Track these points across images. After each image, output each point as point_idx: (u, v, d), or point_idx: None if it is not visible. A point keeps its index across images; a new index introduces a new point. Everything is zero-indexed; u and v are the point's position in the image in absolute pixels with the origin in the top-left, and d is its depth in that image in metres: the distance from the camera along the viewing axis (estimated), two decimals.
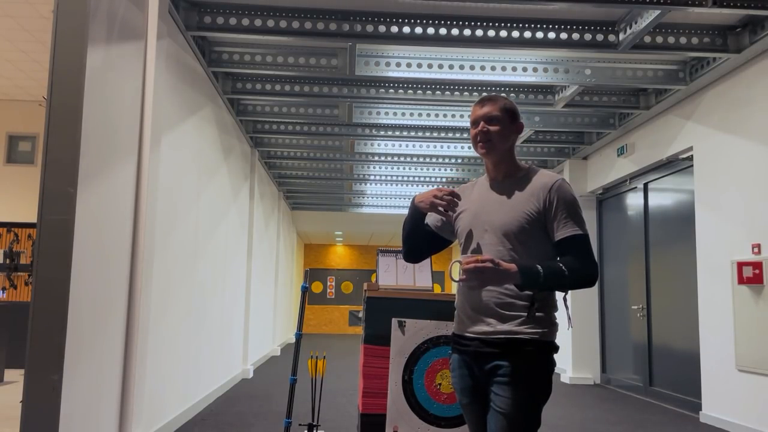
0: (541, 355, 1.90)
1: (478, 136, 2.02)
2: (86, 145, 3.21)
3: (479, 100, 2.06)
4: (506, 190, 2.02)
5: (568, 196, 1.96)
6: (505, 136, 2.01)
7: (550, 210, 1.94)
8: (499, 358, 1.89)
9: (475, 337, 1.95)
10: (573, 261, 1.89)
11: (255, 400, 6.41)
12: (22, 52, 6.95)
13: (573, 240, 1.91)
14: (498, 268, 1.81)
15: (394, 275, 3.52)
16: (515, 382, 1.86)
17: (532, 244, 1.94)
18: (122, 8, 3.67)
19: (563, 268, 1.86)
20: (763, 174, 5.12)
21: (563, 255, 1.93)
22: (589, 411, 6.27)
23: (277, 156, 9.26)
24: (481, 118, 2.02)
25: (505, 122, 2.01)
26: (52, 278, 2.97)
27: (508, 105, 2.03)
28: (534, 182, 1.99)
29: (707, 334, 5.82)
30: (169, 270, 4.72)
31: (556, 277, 1.85)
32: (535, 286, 1.86)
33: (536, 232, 1.94)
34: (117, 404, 3.76)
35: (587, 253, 1.91)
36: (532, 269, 1.84)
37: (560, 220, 1.93)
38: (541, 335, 1.90)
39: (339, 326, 19.34)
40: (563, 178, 1.99)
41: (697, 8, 4.37)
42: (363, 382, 3.28)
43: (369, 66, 5.58)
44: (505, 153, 2.04)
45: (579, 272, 1.88)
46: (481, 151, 2.03)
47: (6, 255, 8.51)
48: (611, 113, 7.26)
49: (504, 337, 1.89)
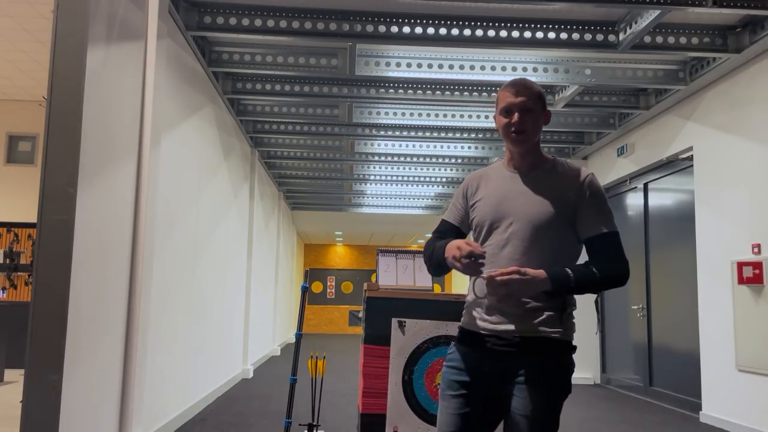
0: (562, 355, 1.82)
1: (513, 127, 1.88)
2: (86, 145, 3.21)
3: (512, 84, 1.91)
4: (533, 182, 1.90)
5: (600, 191, 1.87)
6: (539, 127, 1.91)
7: (581, 205, 1.85)
8: (517, 357, 1.81)
9: (492, 333, 1.85)
10: (604, 261, 1.81)
11: (255, 400, 6.41)
12: (22, 52, 6.95)
13: (603, 238, 1.83)
14: (525, 277, 1.72)
15: (394, 275, 3.52)
16: (537, 384, 1.77)
17: (558, 240, 1.85)
18: (122, 8, 3.67)
19: (594, 271, 1.78)
20: (763, 174, 5.12)
21: (593, 253, 1.84)
22: (589, 411, 6.27)
23: (277, 156, 9.26)
24: (516, 107, 1.88)
25: (538, 112, 1.90)
26: (52, 278, 2.97)
27: (540, 92, 1.92)
28: (563, 175, 1.89)
29: (707, 334, 5.82)
30: (169, 270, 4.72)
31: (588, 281, 1.77)
32: (566, 292, 1.77)
33: (564, 227, 1.85)
34: (117, 404, 3.76)
35: (618, 251, 1.83)
36: (563, 274, 1.76)
37: (590, 216, 1.85)
38: (561, 335, 1.82)
39: (339, 326, 19.34)
40: (593, 173, 1.87)
41: (697, 8, 4.37)
42: (363, 382, 3.28)
43: (369, 66, 5.58)
44: (536, 144, 1.93)
45: (610, 273, 1.80)
46: (515, 142, 1.90)
47: (6, 255, 8.51)
48: (611, 113, 7.26)
49: (523, 335, 1.81)
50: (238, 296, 7.80)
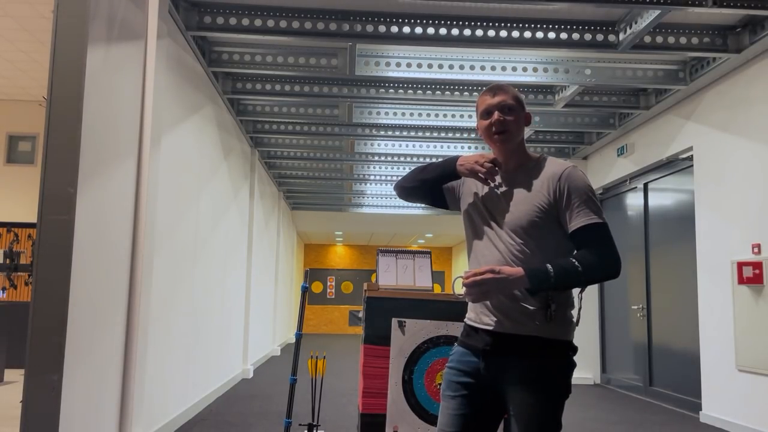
0: (558, 356, 1.80)
1: (494, 127, 1.90)
2: (86, 145, 3.21)
3: (488, 89, 1.95)
4: (516, 182, 1.91)
5: (580, 183, 1.83)
6: (520, 126, 1.92)
7: (561, 200, 1.82)
8: (512, 359, 1.80)
9: (488, 332, 1.85)
10: (589, 254, 1.75)
11: (255, 400, 6.41)
12: (22, 52, 6.95)
13: (588, 229, 1.78)
14: (498, 276, 1.71)
15: (394, 275, 3.52)
16: (534, 385, 1.77)
17: (546, 238, 1.83)
18: (122, 8, 3.67)
19: (576, 264, 1.73)
20: (763, 174, 5.12)
21: (579, 247, 1.80)
22: (589, 411, 6.27)
23: (277, 156, 9.26)
24: (495, 107, 1.91)
25: (518, 111, 1.92)
26: (52, 278, 2.97)
27: (517, 94, 1.95)
28: (544, 172, 1.88)
29: (707, 334, 5.82)
30: (169, 270, 4.72)
31: (569, 276, 1.72)
32: (546, 288, 1.74)
33: (549, 225, 1.83)
34: (117, 404, 3.76)
35: (605, 242, 1.77)
36: (541, 271, 1.72)
37: (573, 210, 1.80)
38: (555, 334, 1.80)
39: (339, 326, 19.33)
40: (574, 165, 1.86)
41: (697, 8, 4.38)
42: (363, 382, 3.28)
43: (369, 66, 5.58)
44: (519, 144, 1.94)
45: (595, 266, 1.74)
46: (497, 142, 1.91)
47: (6, 255, 8.51)
48: (611, 113, 7.25)
49: (518, 335, 1.80)
50: (238, 296, 7.80)
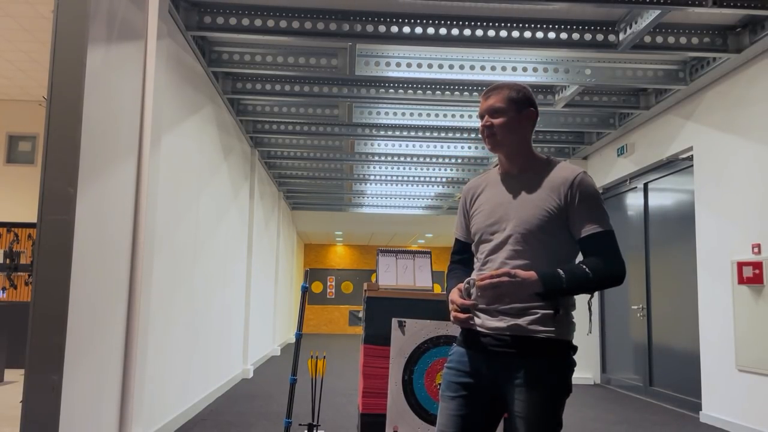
0: (559, 355, 1.81)
1: (484, 131, 1.92)
2: (86, 145, 3.21)
3: (485, 91, 1.94)
4: (523, 186, 1.89)
5: (592, 190, 1.84)
6: (511, 128, 1.89)
7: (572, 205, 1.83)
8: (513, 358, 1.80)
9: (488, 333, 1.84)
10: (597, 261, 1.79)
11: (255, 400, 6.41)
12: (22, 52, 6.95)
13: (598, 237, 1.81)
14: (515, 279, 1.72)
15: (394, 275, 3.52)
16: (535, 385, 1.77)
17: (553, 242, 1.84)
18: (122, 8, 3.67)
19: (587, 271, 1.76)
20: (763, 174, 5.12)
21: (587, 254, 1.83)
22: (589, 411, 6.27)
23: (277, 156, 9.26)
24: (485, 111, 1.91)
25: (510, 113, 1.89)
26: (52, 278, 2.97)
27: (512, 94, 1.90)
28: (553, 176, 1.87)
29: (707, 334, 5.82)
30: (169, 270, 4.72)
31: (579, 282, 1.75)
32: (558, 293, 1.76)
33: (557, 230, 1.84)
34: (117, 404, 3.76)
35: (612, 250, 1.81)
36: (554, 276, 1.75)
37: (582, 217, 1.82)
38: (558, 334, 1.81)
39: (339, 326, 19.33)
40: (585, 171, 1.86)
41: (697, 8, 4.37)
42: (363, 382, 3.28)
43: (369, 66, 5.58)
44: (518, 145, 1.91)
45: (604, 273, 1.78)
46: (487, 145, 1.93)
47: (6, 255, 8.51)
48: (611, 113, 7.26)
49: (520, 336, 1.80)
50: (238, 296, 7.80)
